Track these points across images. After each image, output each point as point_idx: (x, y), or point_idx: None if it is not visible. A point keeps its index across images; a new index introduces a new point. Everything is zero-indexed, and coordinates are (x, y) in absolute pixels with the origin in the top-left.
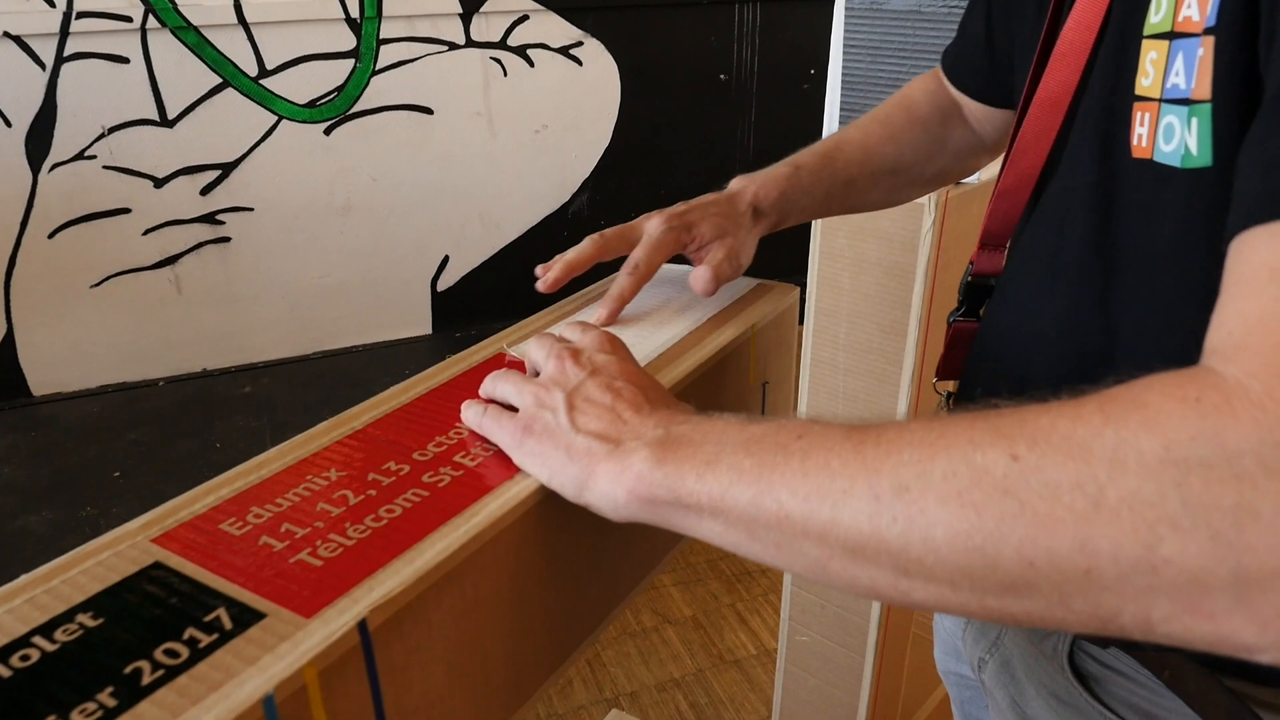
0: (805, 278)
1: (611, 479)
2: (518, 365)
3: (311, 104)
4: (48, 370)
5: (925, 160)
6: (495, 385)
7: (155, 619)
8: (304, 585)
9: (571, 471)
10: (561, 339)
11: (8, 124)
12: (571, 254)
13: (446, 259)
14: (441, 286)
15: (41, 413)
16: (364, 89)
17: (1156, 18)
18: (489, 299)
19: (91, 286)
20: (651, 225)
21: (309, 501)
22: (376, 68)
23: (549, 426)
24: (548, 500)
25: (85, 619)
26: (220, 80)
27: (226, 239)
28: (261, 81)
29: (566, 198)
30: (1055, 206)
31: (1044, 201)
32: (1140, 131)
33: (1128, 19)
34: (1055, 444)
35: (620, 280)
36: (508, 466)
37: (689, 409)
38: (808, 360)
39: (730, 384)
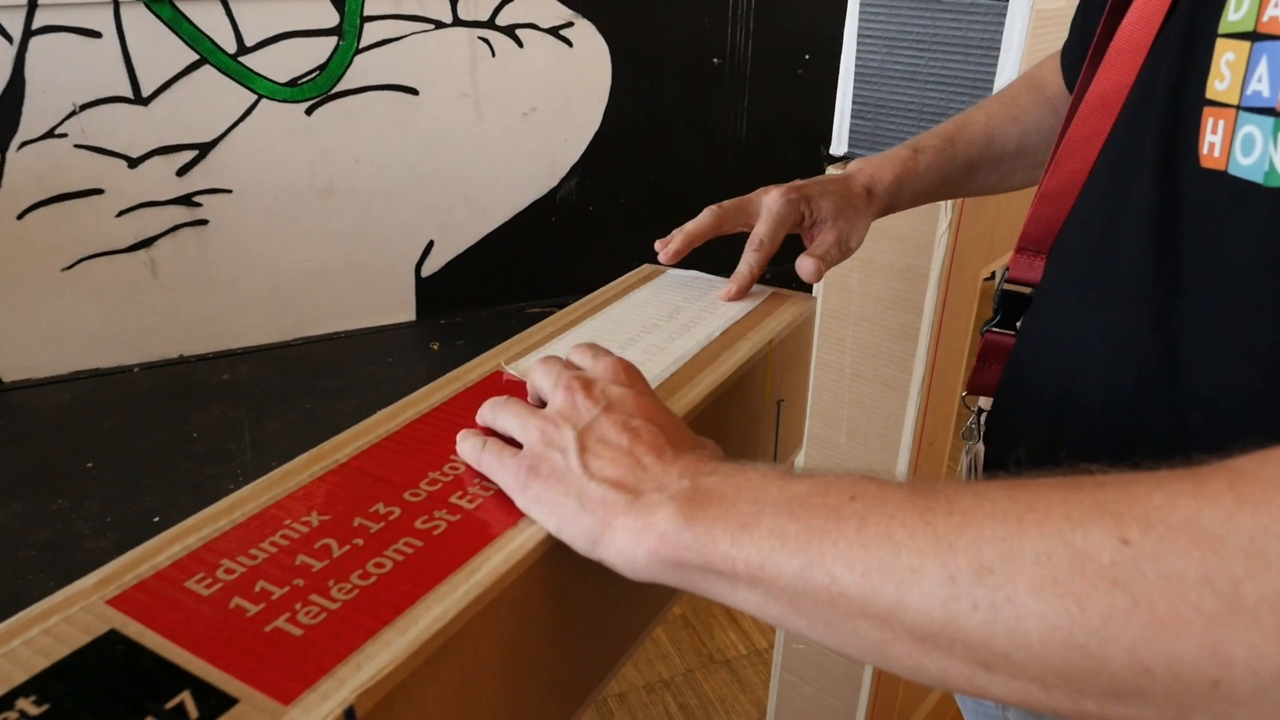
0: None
1: (631, 536)
2: (516, 385)
3: (292, 83)
4: (18, 356)
5: (1051, 142)
6: (495, 414)
7: (109, 706)
8: (281, 661)
9: (584, 523)
10: (570, 364)
11: None
12: (691, 226)
13: (431, 244)
14: (426, 272)
15: (12, 400)
16: (347, 68)
17: (1236, 15)
18: (475, 285)
19: (63, 270)
20: (770, 198)
21: (287, 553)
22: (360, 46)
23: (558, 469)
24: (555, 550)
25: (28, 705)
26: (197, 57)
27: (204, 221)
28: (240, 59)
29: (555, 182)
30: (1099, 213)
31: (1085, 206)
32: (1212, 140)
33: (1198, 14)
34: (1176, 527)
35: (747, 257)
36: (510, 510)
37: (715, 452)
38: (812, 363)
39: (745, 404)
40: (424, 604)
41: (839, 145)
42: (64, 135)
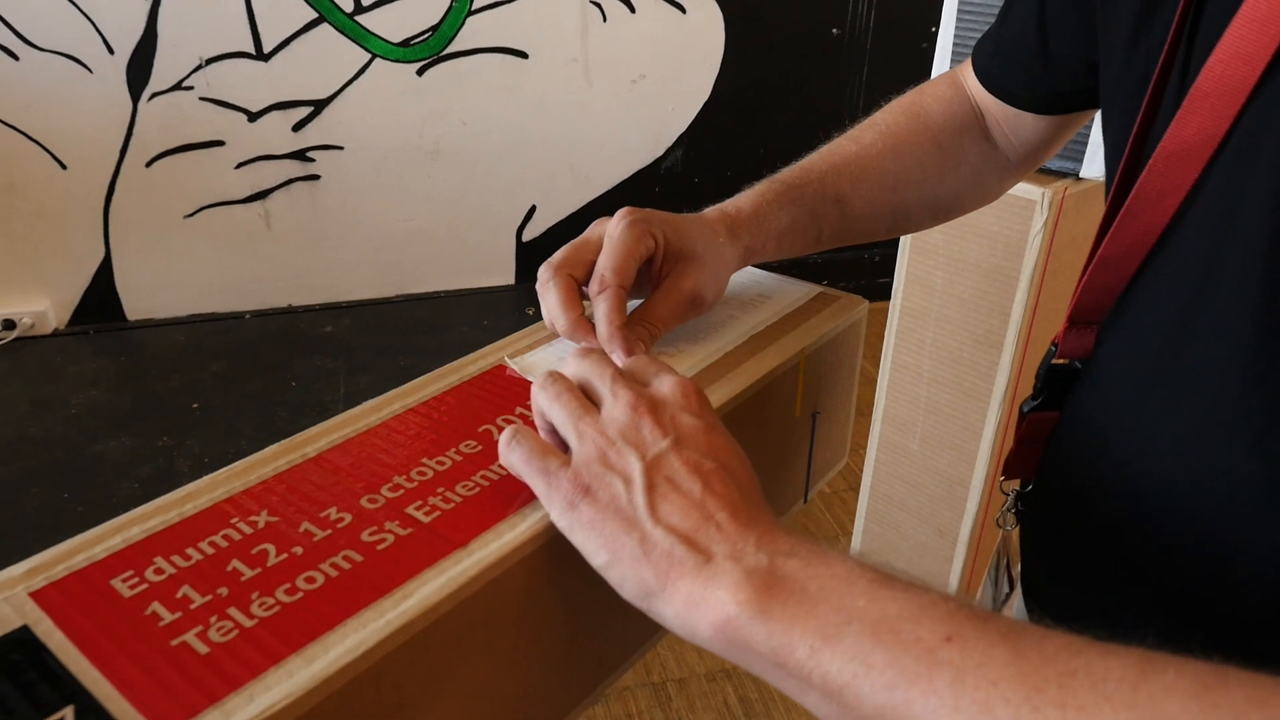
0: (894, 271)
1: (693, 604)
2: (519, 384)
3: (405, 43)
4: (142, 296)
5: (936, 179)
6: (547, 402)
7: None
8: (175, 683)
9: (643, 572)
10: (625, 376)
11: (110, 51)
12: (562, 310)
13: (534, 209)
14: (527, 236)
15: (133, 338)
16: (459, 29)
17: None
18: None
19: (185, 217)
20: (611, 225)
21: (222, 556)
22: (473, 8)
23: (617, 500)
24: (506, 576)
25: None
26: (316, 15)
27: (316, 177)
28: (357, 18)
29: (661, 152)
30: (1178, 288)
31: (1157, 273)
32: None
33: None
34: None
35: (599, 308)
36: (466, 527)
37: (786, 528)
38: (888, 363)
39: (772, 418)
40: (340, 631)
41: None
42: (190, 88)
